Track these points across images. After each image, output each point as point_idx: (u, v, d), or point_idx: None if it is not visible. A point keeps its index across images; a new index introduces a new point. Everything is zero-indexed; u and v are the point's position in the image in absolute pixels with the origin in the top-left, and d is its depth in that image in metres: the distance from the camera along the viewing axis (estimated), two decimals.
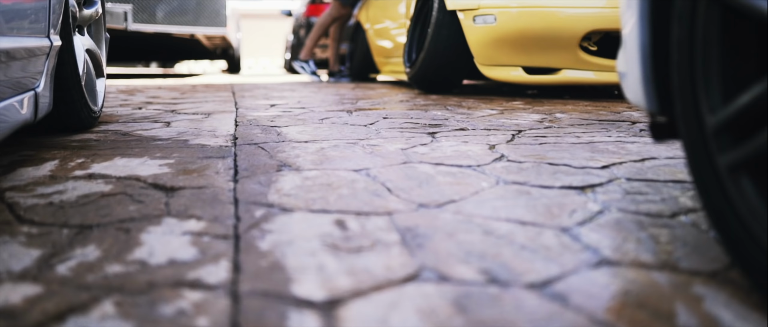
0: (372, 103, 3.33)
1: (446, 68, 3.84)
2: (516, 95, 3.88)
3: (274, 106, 3.07)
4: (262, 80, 7.20)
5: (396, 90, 4.58)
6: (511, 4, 3.37)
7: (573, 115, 2.57)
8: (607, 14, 3.26)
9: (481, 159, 1.63)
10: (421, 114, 2.66)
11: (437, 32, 3.73)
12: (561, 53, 3.37)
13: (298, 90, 4.65)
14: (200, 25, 7.04)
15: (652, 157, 1.67)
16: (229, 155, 1.69)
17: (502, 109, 2.88)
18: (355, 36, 7.00)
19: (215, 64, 16.81)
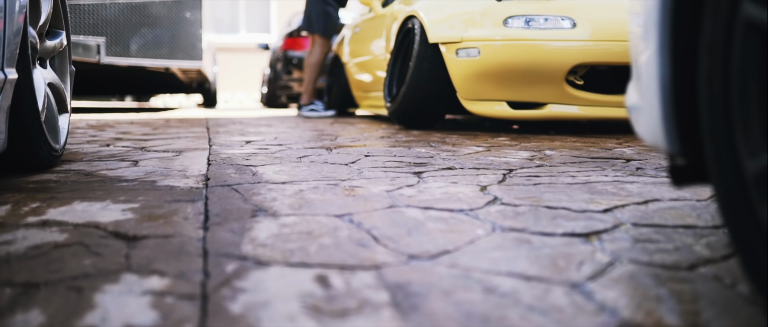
0: (352, 139, 3.21)
1: (428, 103, 3.74)
2: (500, 130, 3.79)
3: (250, 143, 2.94)
4: (238, 115, 7.07)
5: (376, 125, 4.47)
6: (495, 36, 3.29)
7: (563, 152, 2.47)
8: (593, 47, 3.19)
9: (474, 202, 1.51)
10: (405, 151, 2.55)
11: (419, 66, 3.64)
12: (547, 87, 3.29)
13: (275, 125, 4.53)
14: (175, 59, 6.91)
15: (655, 199, 1.56)
16: (199, 198, 1.55)
17: (489, 145, 2.78)
18: (333, 70, 6.91)
19: (191, 98, 16.67)
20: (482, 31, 3.35)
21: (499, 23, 3.29)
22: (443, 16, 3.64)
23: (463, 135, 3.40)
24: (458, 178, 1.85)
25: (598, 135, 3.37)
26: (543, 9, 3.30)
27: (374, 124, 4.68)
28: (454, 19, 3.55)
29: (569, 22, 3.23)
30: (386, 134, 3.54)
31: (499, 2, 3.40)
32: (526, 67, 3.24)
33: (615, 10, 3.42)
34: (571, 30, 3.21)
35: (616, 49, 3.20)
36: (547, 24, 3.23)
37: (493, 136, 3.27)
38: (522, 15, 3.27)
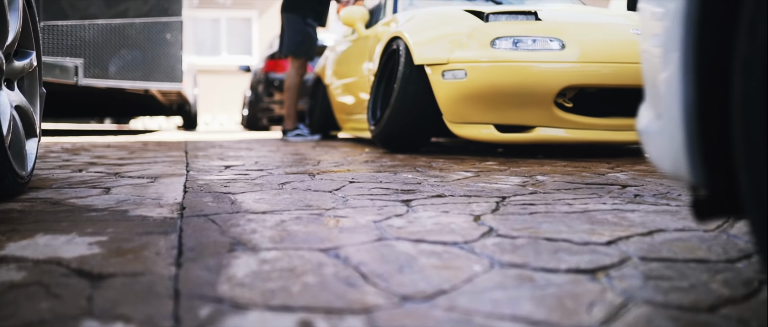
0: (336, 163, 3.11)
1: (413, 126, 3.65)
2: (486, 154, 3.70)
3: (229, 168, 2.83)
4: (218, 137, 6.95)
5: (359, 148, 4.37)
6: (482, 58, 3.21)
7: (556, 178, 2.38)
8: (583, 69, 3.12)
9: (468, 234, 1.41)
10: (391, 177, 2.45)
11: (404, 88, 3.55)
12: (535, 110, 3.21)
13: (256, 149, 4.41)
14: (155, 81, 6.78)
15: (659, 230, 1.47)
16: (173, 230, 1.44)
17: (477, 170, 2.68)
18: (315, 92, 6.82)
19: (172, 120, 16.52)
20: (469, 52, 3.27)
21: (487, 44, 3.22)
22: (429, 38, 3.56)
23: (450, 159, 3.31)
24: (449, 207, 1.75)
25: (588, 159, 3.30)
26: (531, 30, 3.23)
27: (358, 147, 4.58)
28: (440, 41, 3.47)
29: (558, 44, 3.16)
30: (371, 158, 3.44)
31: (486, 23, 3.33)
32: (514, 89, 3.16)
33: (604, 31, 3.36)
34: (560, 51, 3.14)
35: (605, 71, 3.13)
36: (535, 45, 3.16)
37: (481, 161, 3.18)
38: (510, 36, 3.19)
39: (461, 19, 3.51)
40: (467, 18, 3.47)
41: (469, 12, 3.55)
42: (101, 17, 6.22)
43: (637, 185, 2.18)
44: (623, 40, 3.26)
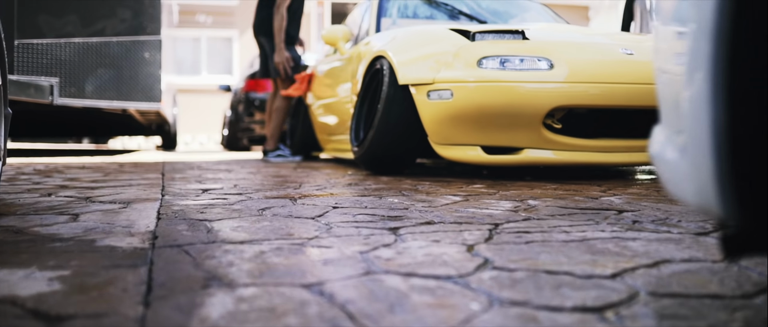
0: (318, 187, 3.00)
1: (398, 148, 3.55)
2: (472, 176, 3.61)
3: (207, 192, 2.72)
4: (198, 158, 6.82)
5: (342, 170, 4.27)
6: (468, 78, 3.12)
7: (548, 203, 2.29)
8: (572, 89, 3.04)
9: (462, 266, 1.31)
10: (376, 202, 2.35)
11: (388, 109, 3.46)
12: (523, 131, 3.13)
13: (235, 170, 4.30)
14: (133, 100, 6.65)
15: (665, 260, 1.38)
16: (143, 263, 1.33)
17: (466, 194, 2.59)
18: (296, 112, 6.72)
19: (151, 140, 16.33)
20: (455, 72, 3.18)
21: (473, 64, 3.13)
22: (414, 57, 3.47)
23: (436, 182, 3.21)
24: (440, 235, 1.65)
25: (577, 181, 3.21)
26: (519, 49, 3.15)
27: (340, 169, 4.48)
28: (426, 60, 3.39)
29: (546, 63, 3.09)
30: (354, 181, 3.34)
31: (473, 42, 3.25)
32: (501, 110, 3.08)
33: (593, 50, 3.29)
34: (549, 71, 3.07)
35: (595, 91, 3.06)
36: (523, 65, 3.09)
37: (468, 183, 3.09)
38: (497, 55, 3.12)
39: (447, 38, 3.43)
40: (453, 37, 3.39)
41: (455, 31, 3.47)
42: (77, 36, 6.09)
43: (634, 210, 2.09)
44: (612, 59, 3.19)
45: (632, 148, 3.25)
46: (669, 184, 0.98)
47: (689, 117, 0.82)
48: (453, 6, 4.92)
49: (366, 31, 4.89)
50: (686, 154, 0.85)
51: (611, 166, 3.58)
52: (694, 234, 1.69)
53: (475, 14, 4.84)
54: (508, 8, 5.08)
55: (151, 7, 6.65)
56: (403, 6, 4.99)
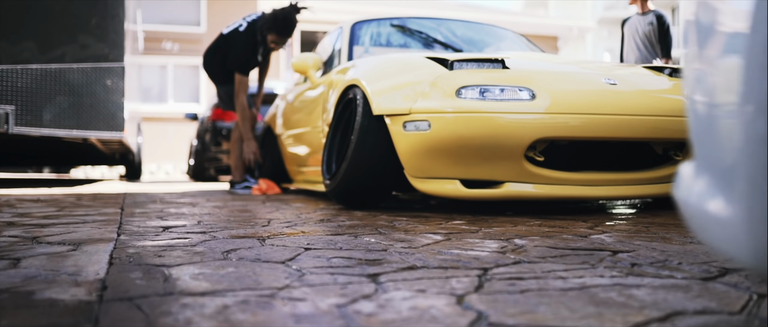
0: (288, 223, 2.82)
1: (372, 181, 3.38)
2: (451, 211, 3.45)
3: (168, 230, 2.52)
4: (162, 188, 6.58)
5: (313, 204, 4.08)
6: (446, 108, 2.98)
7: (535, 242, 2.13)
8: (555, 120, 2.91)
9: (454, 322, 1.15)
10: (351, 242, 2.17)
11: (361, 140, 3.30)
12: (504, 164, 2.98)
13: (200, 204, 4.09)
14: (94, 129, 6.40)
15: (677, 312, 1.23)
16: (87, 321, 1.14)
17: (446, 232, 2.42)
18: (265, 142, 6.52)
19: (115, 169, 15.98)
20: (433, 102, 3.04)
21: (452, 94, 2.99)
22: (389, 86, 3.32)
23: (413, 217, 3.05)
24: (425, 283, 1.48)
25: (560, 216, 3.07)
26: (499, 79, 3.02)
27: (311, 202, 4.30)
28: (401, 89, 3.24)
29: (528, 93, 2.96)
30: (326, 216, 3.16)
31: (451, 71, 3.11)
32: (481, 141, 2.94)
33: (576, 80, 3.17)
34: (531, 101, 2.93)
35: (579, 123, 2.93)
36: (503, 95, 2.95)
37: (447, 219, 2.93)
38: (476, 85, 2.98)
39: (423, 66, 3.28)
40: (430, 65, 3.25)
41: (432, 59, 3.33)
42: (35, 62, 5.86)
43: (629, 251, 1.95)
44: (595, 89, 3.07)
45: (617, 182, 3.13)
46: (709, 238, 0.82)
47: (749, 160, 0.66)
48: (427, 34, 4.79)
49: (337, 60, 4.74)
50: (741, 204, 0.70)
51: (596, 200, 3.45)
52: (701, 279, 1.54)
53: (450, 43, 4.72)
54: (484, 37, 4.97)
55: (113, 33, 6.45)
56: (376, 34, 4.86)
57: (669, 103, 3.12)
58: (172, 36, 17.68)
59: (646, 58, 6.99)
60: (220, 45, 5.98)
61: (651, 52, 7.01)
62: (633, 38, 7.06)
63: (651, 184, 3.21)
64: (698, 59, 0.89)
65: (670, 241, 2.15)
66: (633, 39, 7.06)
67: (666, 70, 3.46)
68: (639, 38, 7.02)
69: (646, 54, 7.03)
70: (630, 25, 7.13)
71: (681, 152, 3.24)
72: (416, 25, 4.91)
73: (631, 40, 7.08)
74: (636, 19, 7.11)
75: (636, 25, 7.08)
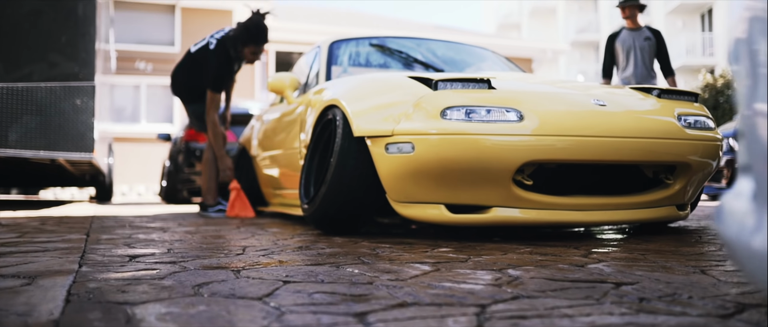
0: (264, 251, 2.66)
1: (353, 205, 3.23)
2: (435, 237, 3.31)
3: (135, 260, 2.34)
4: (133, 211, 6.36)
5: (290, 229, 3.92)
6: (431, 129, 2.84)
7: (531, 272, 2.00)
8: (544, 143, 2.79)
9: None
10: (333, 273, 2.02)
11: (341, 163, 3.15)
12: (491, 188, 2.85)
13: (171, 229, 3.91)
14: (62, 150, 6.19)
15: None
16: None
17: (434, 261, 2.28)
18: (239, 164, 6.35)
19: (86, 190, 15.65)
20: (416, 123, 2.90)
21: (436, 115, 2.86)
22: (370, 106, 3.18)
23: (396, 244, 2.90)
24: (418, 324, 1.33)
25: (550, 242, 2.94)
26: (485, 99, 2.89)
27: (288, 227, 4.13)
28: (383, 110, 3.10)
29: (516, 114, 2.83)
30: (305, 243, 3.00)
31: (435, 91, 2.98)
32: (467, 164, 2.81)
33: (565, 101, 3.05)
34: (519, 123, 2.81)
35: (570, 145, 2.81)
36: (490, 116, 2.82)
37: (432, 246, 2.79)
38: (462, 106, 2.85)
39: (406, 86, 3.15)
40: (413, 85, 3.12)
41: (415, 78, 3.20)
42: (1, 81, 5.66)
43: (632, 282, 1.81)
44: (585, 110, 2.96)
45: (608, 206, 3.01)
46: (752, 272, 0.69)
47: None
48: (407, 54, 4.67)
49: (315, 80, 4.59)
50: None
51: (587, 226, 3.33)
52: (719, 316, 1.41)
53: (431, 63, 4.60)
54: (465, 57, 4.86)
55: (84, 51, 6.26)
56: (355, 53, 4.73)
57: (659, 124, 3.02)
58: (145, 56, 17.44)
59: (648, 73, 6.84)
60: (187, 63, 5.84)
61: (649, 68, 6.88)
62: (630, 53, 6.89)
63: (642, 209, 3.09)
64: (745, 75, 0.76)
65: (672, 270, 2.03)
66: (631, 54, 6.89)
67: (654, 91, 3.36)
68: (638, 53, 6.86)
69: (647, 70, 6.87)
70: (623, 41, 6.96)
71: (672, 175, 3.13)
72: (396, 45, 4.79)
73: (628, 55, 6.91)
74: (629, 35, 6.95)
75: (632, 41, 6.92)
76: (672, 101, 3.27)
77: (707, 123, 3.20)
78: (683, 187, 3.14)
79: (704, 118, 3.20)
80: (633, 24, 6.99)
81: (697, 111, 3.23)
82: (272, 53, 19.31)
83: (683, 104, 3.26)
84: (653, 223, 3.46)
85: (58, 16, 6.17)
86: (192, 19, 17.79)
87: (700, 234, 3.24)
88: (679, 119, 3.11)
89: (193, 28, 17.73)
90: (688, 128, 3.10)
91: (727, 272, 2.00)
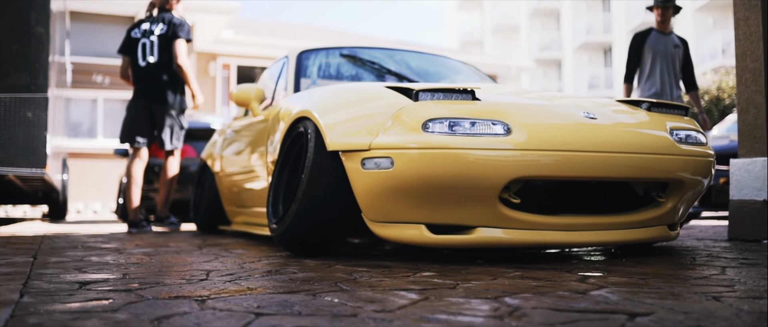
0: (231, 276, 2.42)
1: (326, 226, 3.00)
2: (413, 258, 3.10)
3: (85, 288, 2.09)
4: (87, 230, 6.04)
5: (257, 250, 3.67)
6: (411, 143, 2.64)
7: (531, 301, 1.80)
8: (533, 158, 2.61)
9: None
10: (310, 303, 1.80)
11: (313, 179, 2.93)
12: (476, 207, 2.66)
13: (128, 250, 3.63)
14: (11, 166, 5.85)
15: None
16: None
17: (420, 288, 2.07)
18: (200, 180, 6.08)
19: (39, 207, 15.13)
20: (396, 137, 2.70)
21: (417, 127, 2.66)
22: (345, 118, 2.97)
23: (374, 267, 2.68)
24: None
25: (537, 264, 2.75)
26: (470, 111, 2.70)
27: (254, 248, 3.88)
28: (360, 122, 2.89)
29: (502, 127, 2.65)
30: (274, 266, 2.77)
31: (416, 102, 2.78)
32: (451, 181, 2.61)
33: (554, 114, 2.88)
34: (506, 137, 2.63)
35: (560, 161, 2.63)
36: (475, 129, 2.63)
37: (413, 270, 2.57)
38: (445, 118, 2.65)
39: (384, 96, 2.94)
40: (391, 96, 2.91)
41: (393, 88, 3.00)
42: None
43: (646, 313, 1.63)
44: (576, 123, 2.79)
45: (599, 226, 2.83)
46: None
47: None
48: (380, 65, 4.48)
49: (282, 93, 4.37)
50: None
51: (579, 247, 3.15)
52: None
53: (405, 74, 4.41)
54: (439, 69, 4.69)
55: (36, 62, 5.94)
56: (325, 64, 4.51)
57: (653, 139, 2.86)
58: (103, 69, 16.99)
59: (675, 84, 6.25)
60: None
61: (678, 78, 6.30)
62: (657, 59, 6.23)
63: (633, 229, 2.93)
64: None
65: (683, 298, 1.85)
66: (657, 60, 6.23)
67: (644, 104, 3.21)
68: (669, 59, 6.22)
69: (675, 80, 6.27)
70: (654, 43, 6.27)
71: (664, 193, 2.98)
72: (368, 56, 4.59)
73: (655, 60, 6.22)
74: (659, 38, 6.29)
75: (663, 45, 6.26)
76: (662, 115, 3.12)
77: (699, 138, 3.06)
78: (675, 205, 2.98)
79: (696, 132, 3.06)
80: (665, 27, 6.34)
81: (689, 125, 3.09)
82: (234, 68, 18.99)
83: (674, 118, 3.11)
84: (640, 244, 3.30)
85: (9, 25, 5.86)
86: None
87: (692, 255, 3.09)
88: (672, 134, 2.96)
89: None
90: (681, 143, 2.95)
91: (741, 299, 1.83)
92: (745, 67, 4.08)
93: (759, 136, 3.96)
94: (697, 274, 2.37)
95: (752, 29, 4.05)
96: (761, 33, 4.01)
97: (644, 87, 6.32)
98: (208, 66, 18.67)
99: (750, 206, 3.94)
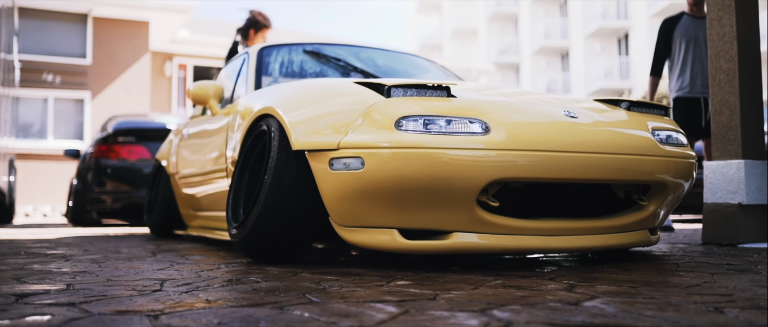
0: (187, 286, 2.21)
1: (290, 230, 2.81)
2: (384, 265, 2.92)
3: (23, 301, 1.87)
4: (34, 234, 5.73)
5: (215, 256, 3.46)
6: (383, 142, 2.47)
7: (521, 314, 1.63)
8: (513, 159, 2.45)
9: None
10: (278, 318, 1.61)
11: (277, 180, 2.73)
12: (453, 210, 2.49)
13: (76, 257, 3.39)
14: None
15: None
16: None
17: (397, 299, 1.89)
18: (155, 182, 5.82)
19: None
20: (366, 135, 2.52)
21: (390, 125, 2.48)
22: (311, 116, 2.79)
23: (343, 275, 2.50)
24: None
25: (516, 271, 2.60)
26: (446, 109, 2.53)
27: (211, 253, 3.66)
28: (327, 119, 2.71)
29: (480, 126, 2.49)
30: (234, 274, 2.57)
31: (388, 99, 2.60)
32: (425, 183, 2.44)
33: (534, 112, 2.73)
34: (484, 136, 2.47)
35: (542, 162, 2.48)
36: (452, 127, 2.47)
37: (386, 278, 2.40)
38: (419, 115, 2.48)
39: (354, 92, 2.76)
40: (361, 92, 2.73)
41: (363, 84, 2.82)
42: None
43: (650, 326, 1.48)
44: (556, 122, 2.64)
45: (581, 230, 2.69)
46: None
47: None
48: (346, 62, 4.29)
49: (243, 91, 4.15)
50: None
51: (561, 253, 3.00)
52: None
53: (372, 72, 4.23)
54: (407, 67, 4.52)
55: None
56: (288, 61, 4.31)
57: (635, 139, 2.74)
58: (54, 67, 16.46)
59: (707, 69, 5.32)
60: None
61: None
62: (690, 46, 5.52)
63: (614, 234, 2.80)
64: None
65: (683, 309, 1.71)
66: (690, 47, 5.52)
67: (623, 103, 3.09)
68: (704, 47, 5.41)
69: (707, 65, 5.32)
70: (685, 29, 5.56)
71: (645, 196, 2.85)
72: (332, 53, 4.41)
73: (688, 48, 5.51)
74: (692, 23, 5.57)
75: (695, 31, 5.53)
76: (643, 114, 3.00)
77: (680, 139, 2.94)
78: (657, 209, 2.86)
79: (677, 133, 2.94)
80: (699, 11, 5.59)
81: (670, 125, 2.97)
82: (190, 68, 18.60)
83: (655, 118, 2.99)
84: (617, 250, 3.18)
85: None
86: (105, 29, 16.92)
87: (673, 261, 2.97)
88: (654, 134, 2.84)
89: (106, 39, 16.87)
90: (663, 144, 2.83)
91: (744, 310, 1.69)
92: (718, 68, 4.00)
93: (733, 138, 3.88)
94: (686, 281, 2.24)
95: (726, 30, 3.97)
96: (735, 33, 3.93)
97: (675, 83, 5.64)
98: (163, 66, 18.26)
99: (724, 209, 3.86)
